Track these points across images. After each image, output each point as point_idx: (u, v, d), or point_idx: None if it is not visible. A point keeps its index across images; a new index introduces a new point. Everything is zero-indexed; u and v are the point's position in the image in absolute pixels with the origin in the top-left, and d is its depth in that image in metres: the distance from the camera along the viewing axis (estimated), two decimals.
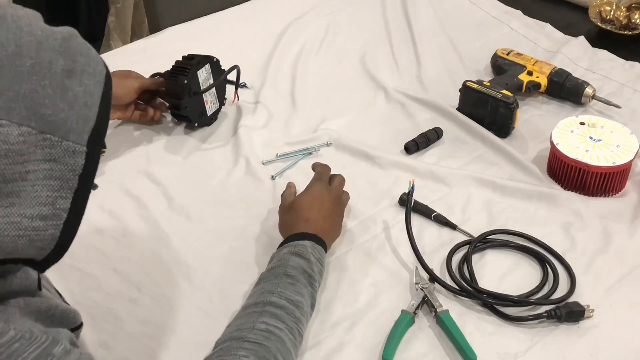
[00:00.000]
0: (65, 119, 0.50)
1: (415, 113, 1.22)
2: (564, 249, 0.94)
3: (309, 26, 1.49)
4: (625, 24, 1.46)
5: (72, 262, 0.93)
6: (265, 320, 0.74)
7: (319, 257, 0.85)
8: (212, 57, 1.18)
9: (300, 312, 0.78)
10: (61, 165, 0.50)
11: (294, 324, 0.76)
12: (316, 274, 0.83)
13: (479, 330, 0.83)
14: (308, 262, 0.83)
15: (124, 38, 2.10)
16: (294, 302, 0.77)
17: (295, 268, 0.81)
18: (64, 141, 0.50)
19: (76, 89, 0.50)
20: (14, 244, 0.49)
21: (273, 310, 0.75)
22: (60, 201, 0.51)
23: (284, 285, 0.79)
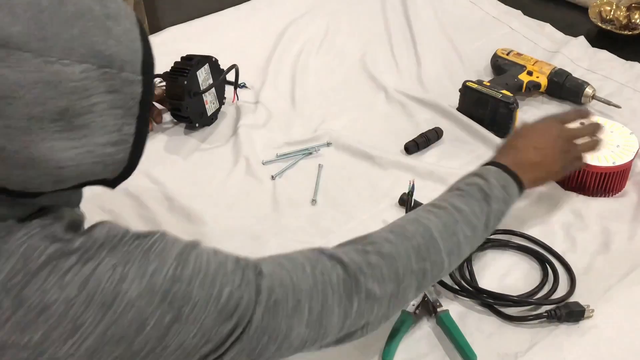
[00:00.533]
0: (118, 53, 0.53)
1: (415, 113, 1.22)
2: (564, 249, 0.94)
3: (309, 26, 1.49)
4: (625, 24, 1.46)
5: None
6: (418, 213, 0.76)
7: (504, 184, 0.81)
8: (210, 57, 1.18)
9: (462, 217, 0.76)
10: (122, 94, 0.54)
11: (451, 222, 0.75)
12: (495, 196, 0.79)
13: (479, 330, 0.83)
14: (486, 181, 0.80)
15: None
16: (457, 207, 0.76)
17: (468, 185, 0.80)
18: (122, 72, 0.54)
19: (117, 28, 0.54)
20: (92, 169, 0.54)
21: (430, 209, 0.77)
22: (125, 127, 0.55)
23: (450, 195, 0.79)
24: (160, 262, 0.56)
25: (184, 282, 0.56)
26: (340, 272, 0.66)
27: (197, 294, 0.56)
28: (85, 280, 0.53)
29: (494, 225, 0.81)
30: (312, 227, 0.99)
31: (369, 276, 0.67)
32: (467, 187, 0.80)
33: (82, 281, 0.52)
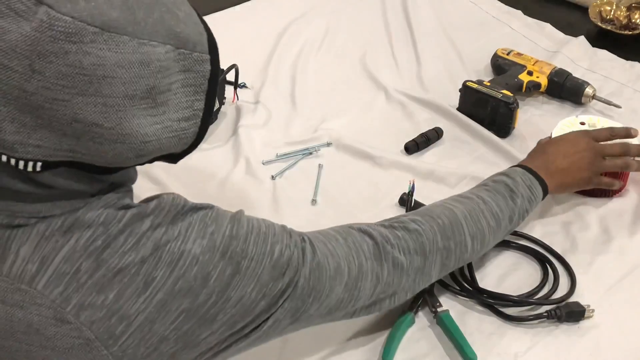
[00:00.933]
0: (189, 34, 0.57)
1: (415, 113, 1.22)
2: (564, 249, 0.94)
3: (309, 26, 1.49)
4: (625, 24, 1.46)
5: None
6: (445, 200, 0.82)
7: (530, 184, 0.87)
8: None
9: (487, 209, 0.81)
10: (194, 73, 0.58)
11: (476, 211, 0.80)
12: (521, 194, 0.85)
13: (479, 330, 0.83)
14: (513, 180, 0.85)
15: None
16: (483, 198, 0.81)
17: (495, 182, 0.85)
18: (194, 53, 0.58)
19: (181, 14, 0.57)
20: (169, 143, 0.59)
21: (456, 197, 0.83)
22: (197, 103, 0.60)
23: (477, 189, 0.83)
24: (218, 224, 0.61)
25: (240, 239, 0.62)
26: (370, 242, 0.72)
27: (253, 249, 0.62)
28: (157, 243, 0.58)
29: (518, 221, 0.85)
30: (312, 227, 0.99)
31: (396, 247, 0.73)
32: (493, 183, 0.85)
33: (153, 244, 0.58)
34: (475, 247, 0.80)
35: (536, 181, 0.88)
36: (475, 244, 0.80)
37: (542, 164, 0.91)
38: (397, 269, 0.73)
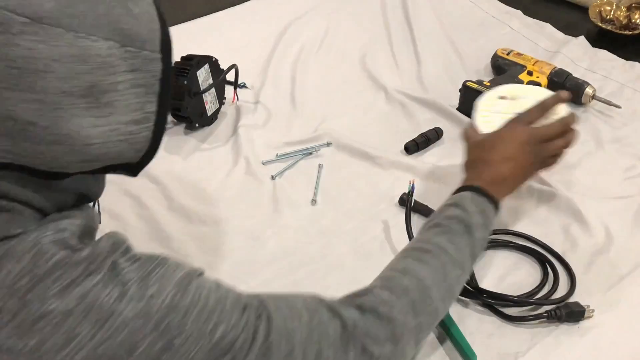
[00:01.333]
0: (139, 32, 0.55)
1: (415, 113, 1.22)
2: (564, 249, 0.94)
3: (309, 26, 1.49)
4: (625, 24, 1.46)
5: None
6: (405, 263, 0.74)
7: (482, 209, 0.79)
8: (210, 57, 1.18)
9: (449, 258, 0.74)
10: (143, 73, 0.56)
11: (439, 266, 0.73)
12: (475, 225, 0.77)
13: (479, 330, 0.83)
14: (465, 212, 0.78)
15: None
16: (442, 247, 0.74)
17: (448, 218, 0.78)
18: (142, 51, 0.55)
19: (136, 9, 0.55)
20: (117, 148, 0.55)
21: (417, 255, 0.74)
22: (148, 105, 0.57)
23: (433, 232, 0.77)
24: (160, 287, 0.55)
25: (180, 312, 0.55)
26: (338, 326, 0.64)
27: (191, 327, 0.55)
28: (85, 294, 0.52)
29: (479, 252, 0.79)
30: (312, 227, 0.99)
31: (366, 336, 0.65)
32: (447, 221, 0.78)
33: (82, 294, 0.52)
34: (447, 305, 0.75)
35: (487, 203, 0.80)
36: (447, 303, 0.75)
37: (488, 177, 0.83)
38: (366, 358, 0.65)
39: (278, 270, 0.92)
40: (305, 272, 0.92)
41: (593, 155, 1.12)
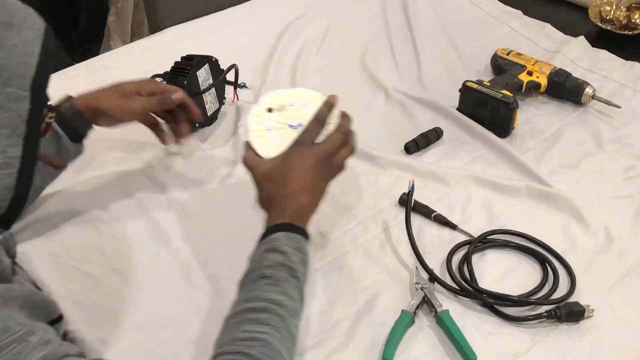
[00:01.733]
0: (5, 65, 0.50)
1: (415, 113, 1.22)
2: (564, 249, 0.94)
3: (309, 26, 1.49)
4: (625, 24, 1.46)
5: (72, 262, 0.93)
6: (246, 329, 0.70)
7: (297, 246, 0.78)
8: (210, 57, 1.18)
9: (286, 310, 0.72)
10: (7, 112, 0.51)
11: (280, 322, 0.71)
12: (297, 264, 0.76)
13: (479, 330, 0.83)
14: (284, 254, 0.76)
15: (124, 38, 2.10)
16: (276, 301, 0.72)
17: (271, 266, 0.75)
18: (7, 88, 0.50)
19: (15, 39, 0.51)
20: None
21: (254, 316, 0.71)
22: (10, 149, 0.52)
23: (261, 287, 0.74)
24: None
25: None
26: None
27: None
28: None
29: (305, 288, 0.78)
30: (312, 227, 0.99)
31: None
32: (271, 270, 0.75)
33: None
34: (293, 352, 0.72)
35: (299, 237, 0.79)
36: (292, 351, 0.72)
37: (291, 211, 0.81)
38: None
39: None
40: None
41: (593, 155, 1.12)
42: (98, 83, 1.32)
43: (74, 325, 0.84)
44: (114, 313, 0.86)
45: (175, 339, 0.84)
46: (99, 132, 1.19)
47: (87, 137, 0.97)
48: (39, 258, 0.93)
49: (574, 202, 1.00)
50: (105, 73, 1.34)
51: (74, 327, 0.84)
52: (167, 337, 0.84)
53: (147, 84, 1.04)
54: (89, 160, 0.96)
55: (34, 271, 0.92)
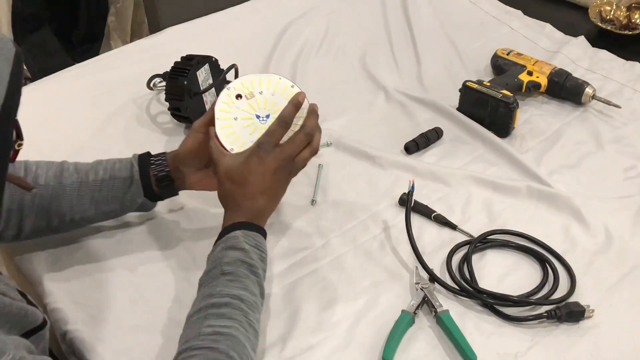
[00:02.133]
0: None
1: (415, 113, 1.22)
2: (564, 249, 0.94)
3: (309, 26, 1.49)
4: (625, 24, 1.46)
5: (72, 263, 0.93)
6: (210, 323, 0.71)
7: (255, 243, 0.80)
8: (210, 57, 1.18)
9: (247, 305, 0.74)
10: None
11: (243, 317, 0.72)
12: (255, 261, 0.78)
13: (479, 330, 0.83)
14: (243, 251, 0.78)
15: (124, 38, 2.10)
16: (238, 296, 0.74)
17: (230, 263, 0.77)
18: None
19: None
20: None
21: (216, 311, 0.72)
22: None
23: (223, 283, 0.75)
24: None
25: None
26: None
27: None
28: None
29: (264, 283, 0.79)
30: (312, 227, 0.99)
31: None
32: (230, 267, 0.77)
33: None
34: (255, 347, 0.74)
35: (257, 234, 0.81)
36: (254, 344, 0.74)
37: (249, 211, 0.82)
38: None
39: (278, 271, 0.92)
40: (306, 272, 0.92)
41: (593, 155, 1.12)
42: (98, 83, 1.33)
43: (74, 325, 0.84)
44: (114, 313, 0.86)
45: (175, 339, 0.83)
46: (99, 132, 1.19)
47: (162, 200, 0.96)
48: (38, 258, 0.93)
49: (574, 202, 1.00)
50: (105, 73, 1.34)
51: (74, 327, 0.84)
52: (168, 337, 0.84)
53: None
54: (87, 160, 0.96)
55: (33, 271, 0.92)
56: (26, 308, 0.67)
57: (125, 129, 1.20)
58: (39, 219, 0.88)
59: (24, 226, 0.88)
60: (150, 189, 0.91)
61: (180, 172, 0.91)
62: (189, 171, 0.91)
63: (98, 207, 0.90)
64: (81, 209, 0.89)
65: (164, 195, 0.94)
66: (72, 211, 0.89)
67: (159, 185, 0.91)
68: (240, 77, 0.91)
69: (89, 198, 0.89)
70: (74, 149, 1.12)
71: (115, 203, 0.90)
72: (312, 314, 0.86)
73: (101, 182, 0.89)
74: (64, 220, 0.89)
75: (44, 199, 0.87)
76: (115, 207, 0.91)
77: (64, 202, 0.88)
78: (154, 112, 1.23)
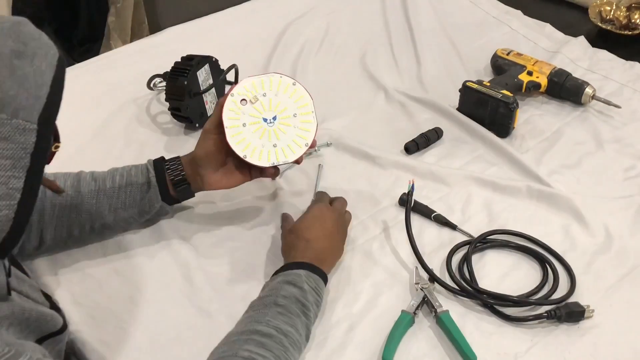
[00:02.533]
0: (15, 97, 0.50)
1: (415, 113, 1.22)
2: (564, 249, 0.94)
3: (309, 26, 1.49)
4: (625, 24, 1.46)
5: (72, 264, 0.93)
6: (249, 348, 0.71)
7: (315, 286, 0.81)
8: (211, 57, 1.18)
9: (290, 342, 0.74)
10: (12, 143, 0.51)
11: (282, 352, 0.72)
12: (311, 303, 0.79)
13: (479, 330, 0.83)
14: (302, 290, 0.79)
15: (124, 38, 2.10)
16: (283, 331, 0.74)
17: (286, 297, 0.78)
18: (14, 119, 0.50)
19: (26, 69, 0.51)
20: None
21: (259, 339, 0.72)
22: (13, 181, 0.51)
23: (273, 314, 0.76)
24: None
25: None
26: None
27: None
28: None
29: (312, 326, 0.80)
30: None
31: None
32: (285, 301, 0.77)
33: None
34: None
35: (319, 278, 0.83)
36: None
37: (313, 254, 0.85)
38: None
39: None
40: None
41: (593, 155, 1.12)
42: (98, 83, 1.33)
43: (75, 327, 0.84)
44: (115, 314, 0.86)
45: (176, 339, 0.84)
46: (99, 131, 1.19)
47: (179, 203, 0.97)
48: (38, 259, 0.93)
49: (574, 202, 1.00)
50: (105, 73, 1.34)
51: (75, 329, 0.84)
52: (168, 337, 0.84)
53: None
54: (88, 161, 0.96)
55: (33, 272, 0.92)
56: (46, 313, 0.68)
57: (125, 129, 1.20)
58: (59, 228, 0.89)
59: (45, 237, 0.88)
60: (167, 192, 0.92)
61: (199, 175, 0.92)
62: (208, 172, 0.92)
63: (117, 213, 0.90)
64: (100, 216, 0.90)
65: (181, 198, 0.95)
66: (92, 219, 0.90)
67: (176, 189, 0.92)
68: (241, 81, 0.92)
69: (107, 205, 0.89)
70: (74, 149, 1.12)
71: (134, 208, 0.91)
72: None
73: (118, 188, 0.89)
74: (84, 229, 0.90)
75: (64, 209, 0.88)
76: (133, 212, 0.91)
77: (83, 210, 0.88)
78: (154, 112, 1.24)
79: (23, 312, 0.62)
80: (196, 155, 0.92)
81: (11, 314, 0.60)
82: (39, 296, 0.72)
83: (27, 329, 0.63)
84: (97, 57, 1.44)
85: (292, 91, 0.92)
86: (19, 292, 0.68)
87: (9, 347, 0.55)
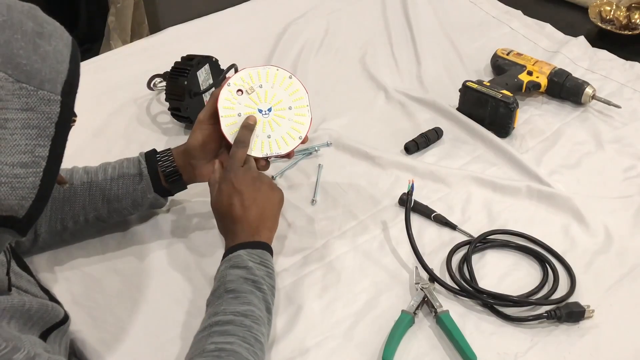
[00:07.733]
0: (40, 70, 0.53)
1: (415, 113, 1.22)
2: (564, 249, 0.94)
3: (309, 26, 1.49)
4: (625, 24, 1.46)
5: (73, 263, 0.93)
6: (214, 341, 0.72)
7: (260, 260, 0.81)
8: (211, 57, 1.18)
9: (252, 320, 0.75)
10: (38, 113, 0.53)
11: (247, 332, 0.73)
12: (261, 277, 0.79)
13: (479, 330, 0.83)
14: (247, 269, 0.79)
15: (124, 38, 2.10)
16: (241, 312, 0.75)
17: (234, 281, 0.78)
18: (40, 90, 0.53)
19: (46, 47, 0.54)
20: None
21: (220, 329, 0.73)
22: (39, 149, 0.54)
23: (227, 301, 0.76)
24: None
25: None
26: None
27: None
28: None
29: (273, 300, 0.80)
30: (312, 227, 0.99)
31: None
32: (234, 285, 0.77)
33: None
34: (262, 358, 0.74)
35: (262, 251, 0.82)
36: (261, 357, 0.74)
37: (247, 230, 0.83)
38: None
39: (278, 271, 0.92)
40: (306, 272, 0.92)
41: (593, 155, 1.12)
42: (98, 83, 1.33)
43: (75, 327, 0.84)
44: (115, 314, 0.86)
45: (176, 339, 0.84)
46: (99, 131, 1.19)
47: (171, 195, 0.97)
48: (38, 259, 0.93)
49: (574, 202, 1.00)
50: (105, 73, 1.34)
51: (75, 328, 0.84)
52: (168, 337, 0.84)
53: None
54: (88, 161, 0.96)
55: (33, 272, 0.92)
56: (47, 304, 0.68)
57: (125, 129, 1.20)
58: (53, 222, 0.89)
59: (40, 230, 0.89)
60: (159, 184, 0.92)
61: (191, 166, 0.92)
62: (200, 164, 0.93)
63: (110, 205, 0.91)
64: (94, 208, 0.91)
65: (173, 190, 0.95)
66: (85, 211, 0.90)
67: (167, 180, 0.93)
68: (239, 72, 0.93)
69: (100, 197, 0.90)
70: (74, 149, 1.11)
71: (127, 200, 0.91)
72: (312, 314, 0.86)
73: (110, 180, 0.90)
74: (78, 221, 0.91)
75: (57, 202, 0.89)
76: (127, 204, 0.92)
77: (76, 203, 0.90)
78: (154, 112, 1.24)
79: (23, 304, 0.63)
80: (189, 145, 0.92)
81: (11, 307, 0.61)
82: (37, 290, 0.73)
83: (30, 322, 0.64)
84: (97, 57, 1.44)
85: (288, 84, 0.92)
86: (17, 287, 0.69)
87: (6, 342, 0.56)
